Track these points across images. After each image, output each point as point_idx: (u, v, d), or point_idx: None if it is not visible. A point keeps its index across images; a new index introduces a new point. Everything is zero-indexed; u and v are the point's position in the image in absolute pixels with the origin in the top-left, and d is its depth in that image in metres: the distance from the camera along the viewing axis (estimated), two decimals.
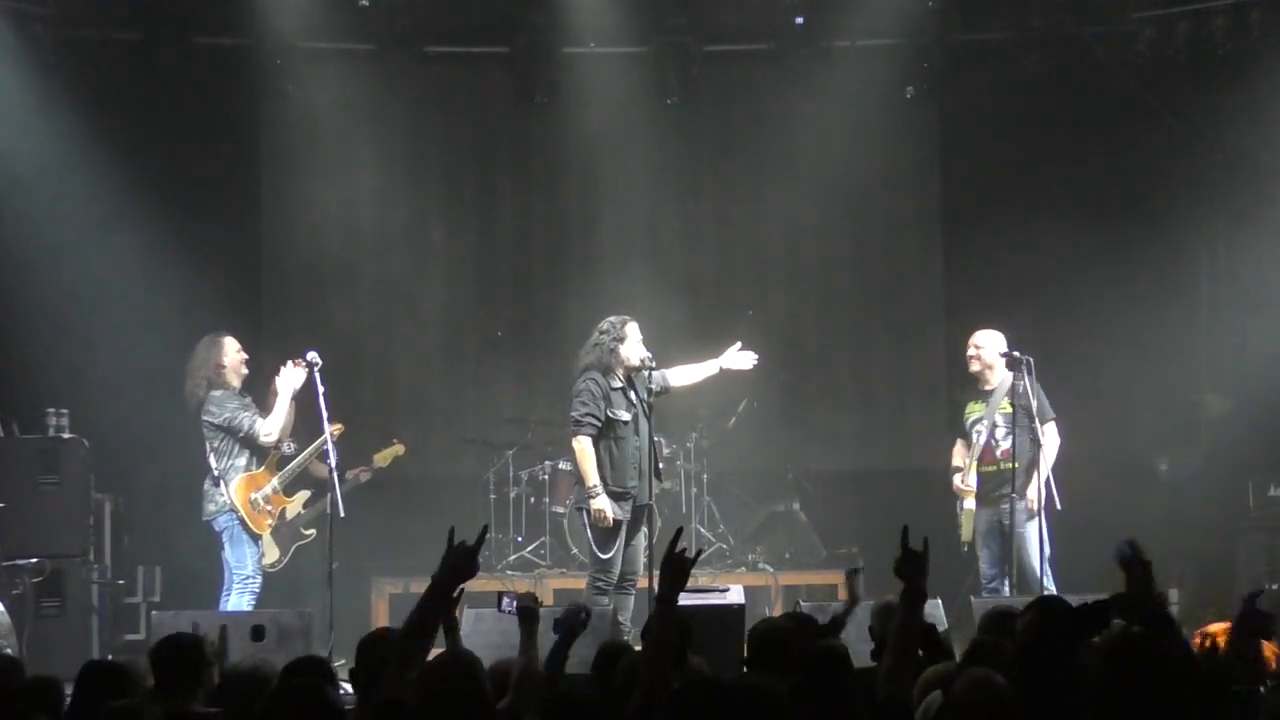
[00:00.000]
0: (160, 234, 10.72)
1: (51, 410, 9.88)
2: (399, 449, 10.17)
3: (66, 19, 10.62)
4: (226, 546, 9.21)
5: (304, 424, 9.69)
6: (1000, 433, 9.37)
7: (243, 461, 9.21)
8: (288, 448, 9.62)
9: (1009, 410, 9.29)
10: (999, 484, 9.29)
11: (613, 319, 9.00)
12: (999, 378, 9.41)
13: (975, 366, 9.49)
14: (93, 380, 10.47)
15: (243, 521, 9.16)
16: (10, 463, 9.77)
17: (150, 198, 10.76)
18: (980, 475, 9.45)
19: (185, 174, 11.15)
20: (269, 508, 9.30)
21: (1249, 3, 10.64)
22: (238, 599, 9.11)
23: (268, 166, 11.93)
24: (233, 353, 9.27)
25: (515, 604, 5.41)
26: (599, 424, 8.84)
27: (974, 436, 9.50)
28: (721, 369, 9.26)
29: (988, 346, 9.45)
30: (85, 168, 10.59)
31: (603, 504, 8.77)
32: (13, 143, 10.37)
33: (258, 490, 9.27)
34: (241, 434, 9.15)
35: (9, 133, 10.38)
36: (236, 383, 9.29)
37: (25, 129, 10.39)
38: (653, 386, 8.88)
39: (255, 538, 9.23)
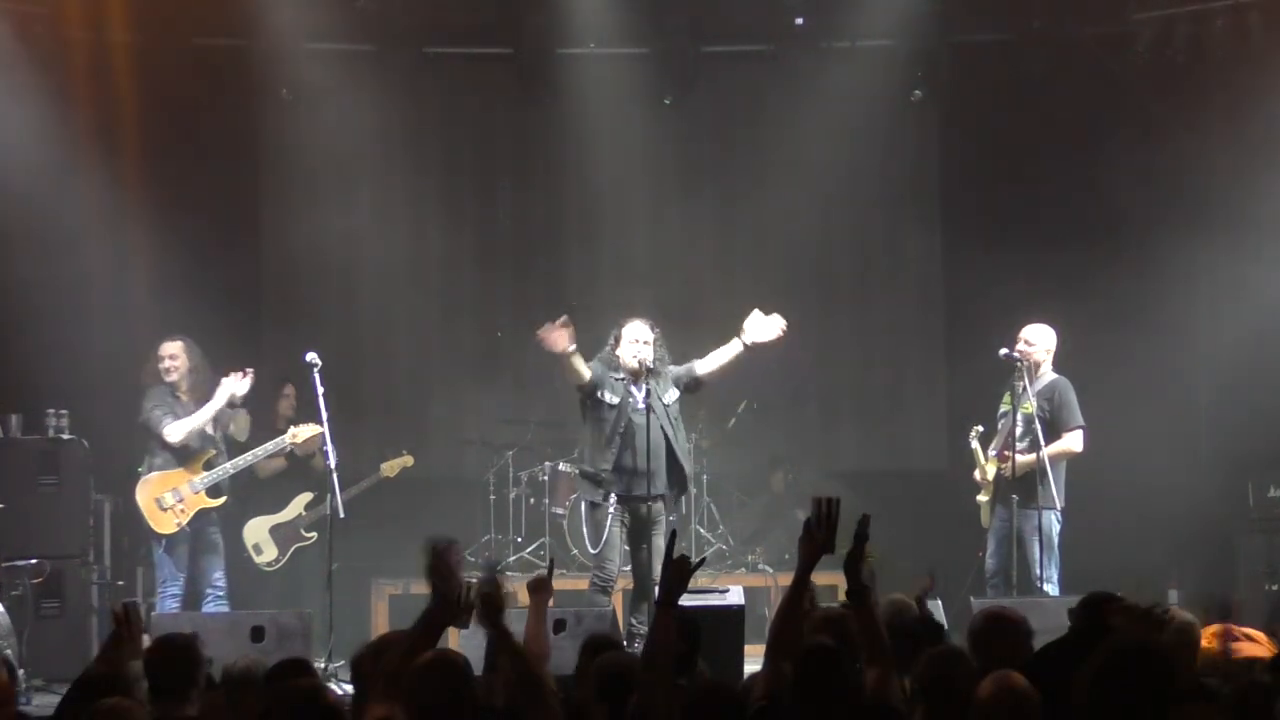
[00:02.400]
0: (160, 235, 10.74)
1: (51, 410, 9.90)
2: (408, 460, 10.22)
3: (66, 20, 10.61)
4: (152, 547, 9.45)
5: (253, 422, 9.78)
6: (1019, 431, 9.32)
7: (159, 460, 9.41)
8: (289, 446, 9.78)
9: (1030, 410, 9.22)
10: (1012, 482, 9.26)
11: (618, 325, 9.05)
12: (1038, 373, 9.32)
13: (1018, 361, 9.26)
14: (93, 380, 10.47)
15: (145, 522, 9.34)
16: (10, 463, 9.78)
17: (150, 199, 10.78)
18: (998, 471, 9.42)
19: (185, 175, 11.13)
20: (179, 505, 9.36)
21: (1249, 3, 10.64)
22: (159, 605, 9.26)
23: (267, 168, 11.92)
24: (168, 358, 9.50)
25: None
26: (590, 390, 8.92)
27: (999, 427, 9.48)
28: (746, 345, 8.82)
29: (1038, 344, 9.37)
30: (85, 169, 10.59)
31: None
32: (13, 143, 10.36)
33: (170, 489, 9.37)
34: (152, 432, 9.36)
35: (9, 134, 10.37)
36: (182, 385, 9.49)
37: (25, 130, 10.38)
38: (658, 386, 8.88)
39: (160, 539, 9.35)
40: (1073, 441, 9.28)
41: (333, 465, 8.91)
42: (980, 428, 9.69)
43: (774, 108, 11.96)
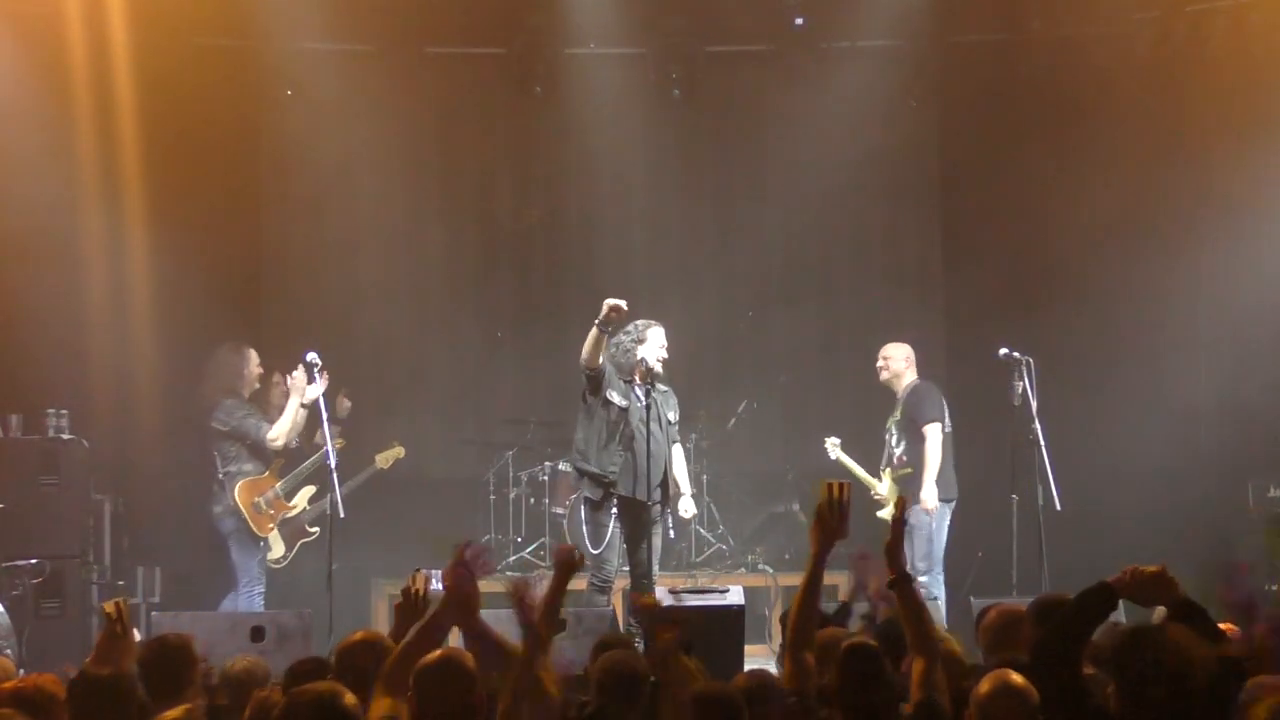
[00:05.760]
0: (160, 234, 10.73)
1: (51, 410, 9.89)
2: (399, 450, 10.23)
3: (67, 20, 10.60)
4: (233, 549, 9.51)
5: (307, 424, 9.74)
6: (893, 439, 9.98)
7: (249, 467, 9.55)
8: (293, 443, 9.81)
9: (899, 417, 9.91)
10: (904, 489, 9.73)
11: (639, 322, 9.03)
12: (903, 384, 10.01)
13: (884, 376, 10.11)
14: (93, 380, 10.47)
15: (245, 524, 9.44)
16: (10, 463, 9.78)
17: (149, 198, 10.77)
18: (893, 481, 10.01)
19: (185, 175, 11.11)
20: (271, 511, 9.59)
21: (1249, 3, 10.64)
22: (248, 602, 9.37)
23: (267, 167, 11.92)
24: (253, 365, 9.68)
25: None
26: (597, 380, 8.90)
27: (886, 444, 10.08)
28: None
29: (894, 357, 10.06)
30: (84, 169, 10.58)
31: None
32: (12, 144, 10.35)
33: (261, 494, 9.55)
34: (249, 440, 9.50)
35: (8, 134, 10.37)
36: (247, 394, 9.66)
37: (26, 130, 10.38)
38: (663, 400, 8.91)
39: (258, 540, 9.52)
40: (929, 435, 9.70)
41: (333, 464, 8.92)
42: (836, 439, 10.25)
43: (774, 108, 11.97)
